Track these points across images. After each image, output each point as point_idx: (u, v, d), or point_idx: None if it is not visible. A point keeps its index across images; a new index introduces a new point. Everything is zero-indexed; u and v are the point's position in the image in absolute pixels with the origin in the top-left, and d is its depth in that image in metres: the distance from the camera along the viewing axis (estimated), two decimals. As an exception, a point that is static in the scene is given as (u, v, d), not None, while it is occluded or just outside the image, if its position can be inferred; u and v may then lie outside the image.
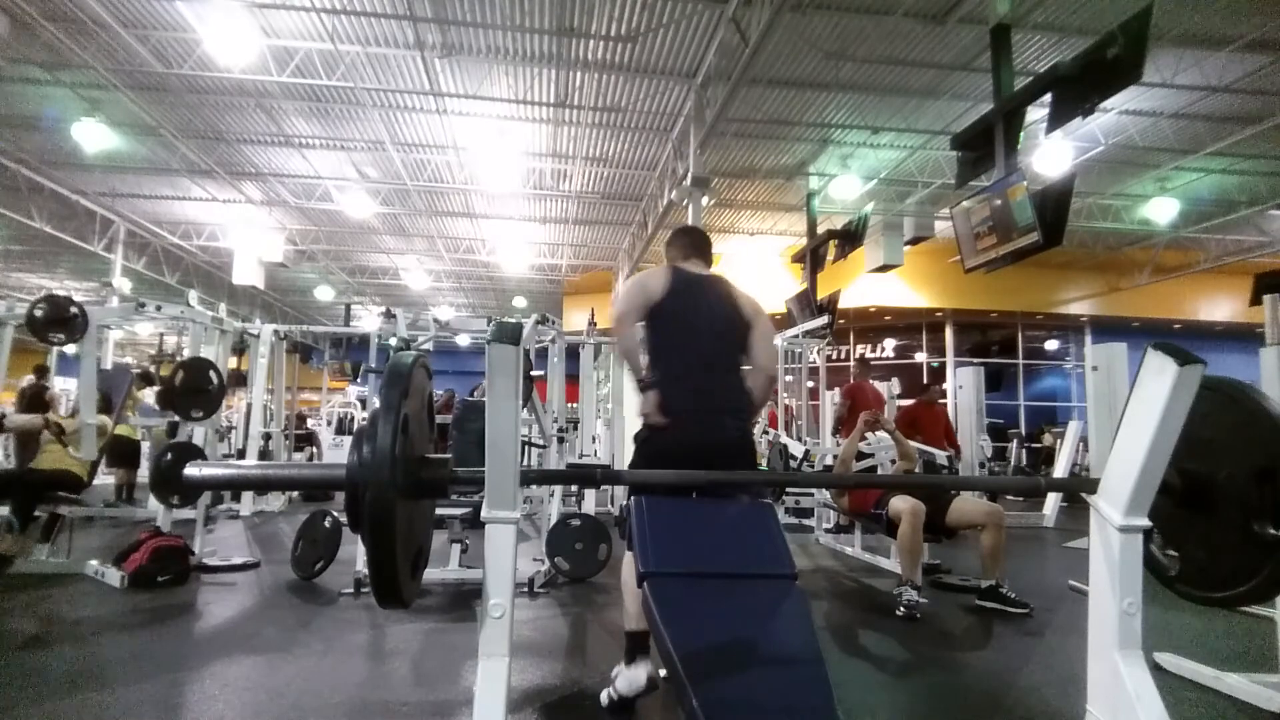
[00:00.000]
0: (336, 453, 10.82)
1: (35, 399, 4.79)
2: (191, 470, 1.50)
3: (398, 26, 6.61)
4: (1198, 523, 1.71)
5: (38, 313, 3.90)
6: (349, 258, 15.04)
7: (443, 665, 2.61)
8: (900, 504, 3.60)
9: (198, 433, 4.45)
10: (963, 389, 4.91)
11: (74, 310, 3.95)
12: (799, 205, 10.86)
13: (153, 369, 9.94)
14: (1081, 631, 1.64)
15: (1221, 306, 13.86)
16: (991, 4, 5.73)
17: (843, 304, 8.21)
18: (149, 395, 7.32)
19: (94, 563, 3.77)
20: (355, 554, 3.70)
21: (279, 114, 8.45)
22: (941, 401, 6.71)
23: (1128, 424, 1.55)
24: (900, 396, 6.84)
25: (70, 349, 4.55)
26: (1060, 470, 7.51)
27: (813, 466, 5.85)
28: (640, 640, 2.04)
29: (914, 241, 10.43)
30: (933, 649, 2.94)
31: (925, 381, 6.92)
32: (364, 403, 12.93)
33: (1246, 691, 2.33)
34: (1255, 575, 1.60)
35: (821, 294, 8.68)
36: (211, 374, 4.36)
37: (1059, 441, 9.13)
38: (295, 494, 7.54)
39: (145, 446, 7.72)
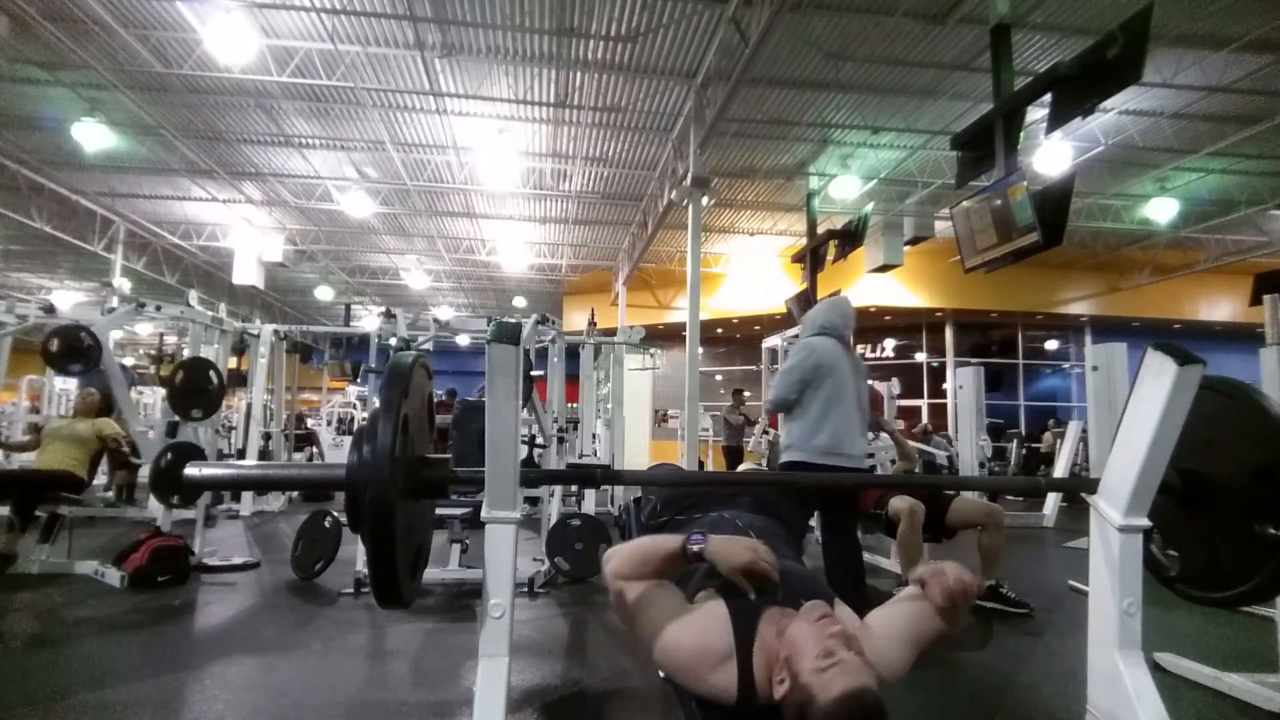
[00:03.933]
0: (336, 453, 10.82)
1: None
2: (191, 470, 1.50)
3: (398, 26, 6.61)
4: (1198, 523, 1.71)
5: (52, 348, 3.92)
6: (349, 258, 15.04)
7: (443, 665, 2.61)
8: (900, 504, 3.61)
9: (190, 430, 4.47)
10: (963, 389, 4.90)
11: (86, 339, 3.96)
12: (799, 205, 10.85)
13: (151, 369, 9.95)
14: (1081, 631, 1.64)
15: (1221, 306, 13.85)
16: (991, 4, 5.72)
17: (843, 304, 8.19)
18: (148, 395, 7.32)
19: (94, 563, 3.77)
20: (355, 554, 3.70)
21: (279, 114, 8.45)
22: None
23: (1128, 424, 1.55)
24: (900, 396, 6.82)
25: None
26: (1060, 470, 7.51)
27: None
28: None
29: (914, 241, 10.41)
30: (933, 649, 2.93)
31: None
32: (364, 402, 12.93)
33: (1246, 691, 2.33)
34: (1255, 575, 1.60)
35: (821, 294, 8.67)
36: (211, 374, 4.37)
37: (1059, 441, 9.12)
38: (295, 494, 7.54)
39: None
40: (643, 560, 1.38)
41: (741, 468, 7.99)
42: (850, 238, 9.10)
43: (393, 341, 5.98)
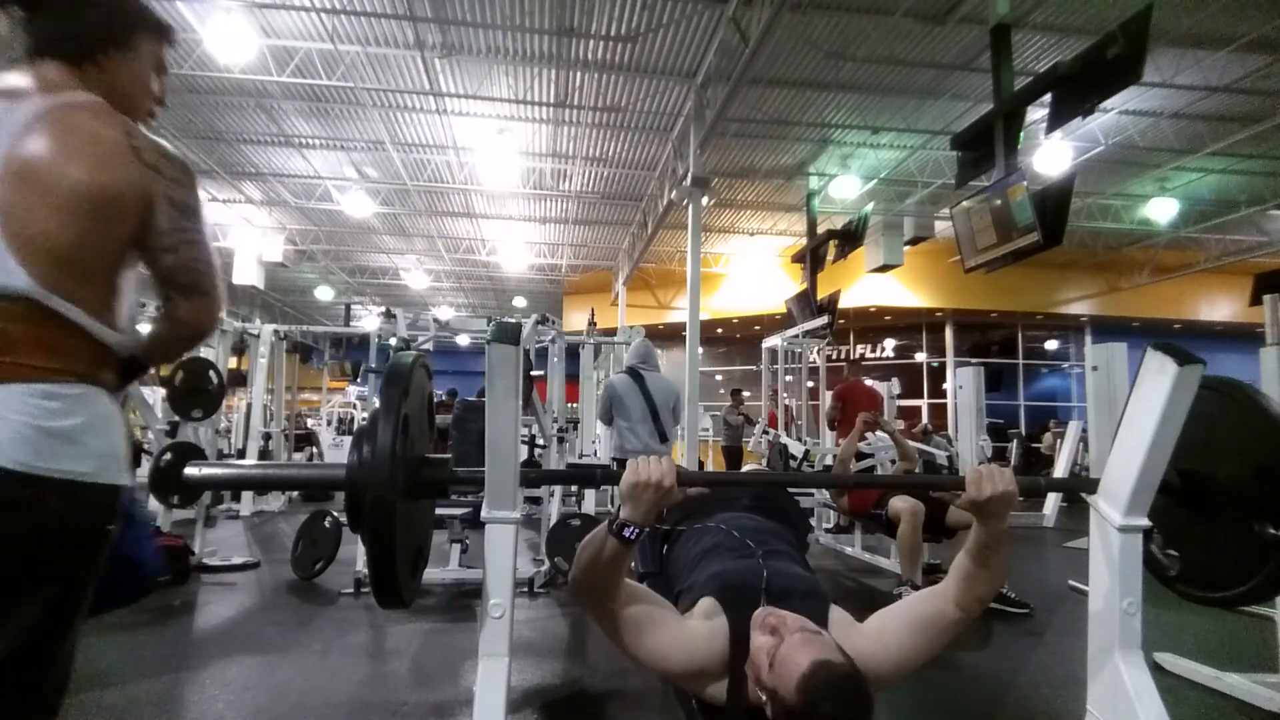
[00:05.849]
0: (336, 453, 10.82)
1: None
2: (191, 470, 1.50)
3: (398, 26, 6.61)
4: (1198, 523, 1.71)
5: None
6: (349, 258, 15.04)
7: (443, 665, 2.61)
8: (900, 504, 3.60)
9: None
10: (963, 389, 4.90)
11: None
12: (799, 205, 10.85)
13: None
14: (1081, 631, 1.64)
15: (1221, 306, 13.86)
16: (991, 4, 5.72)
17: (843, 304, 8.21)
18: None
19: (94, 563, 3.76)
20: (355, 554, 3.70)
21: (279, 114, 8.45)
22: None
23: (1128, 424, 1.55)
24: (900, 396, 6.81)
25: None
26: (1060, 470, 7.50)
27: (813, 466, 5.85)
28: None
29: (914, 241, 10.42)
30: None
31: None
32: (364, 402, 12.93)
33: (1246, 691, 2.33)
34: (1255, 575, 1.60)
35: (821, 294, 8.68)
36: (211, 374, 4.37)
37: (1059, 441, 9.12)
38: (295, 494, 7.53)
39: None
40: (599, 567, 1.31)
41: (746, 468, 7.99)
42: (850, 238, 9.11)
43: (393, 341, 5.97)
